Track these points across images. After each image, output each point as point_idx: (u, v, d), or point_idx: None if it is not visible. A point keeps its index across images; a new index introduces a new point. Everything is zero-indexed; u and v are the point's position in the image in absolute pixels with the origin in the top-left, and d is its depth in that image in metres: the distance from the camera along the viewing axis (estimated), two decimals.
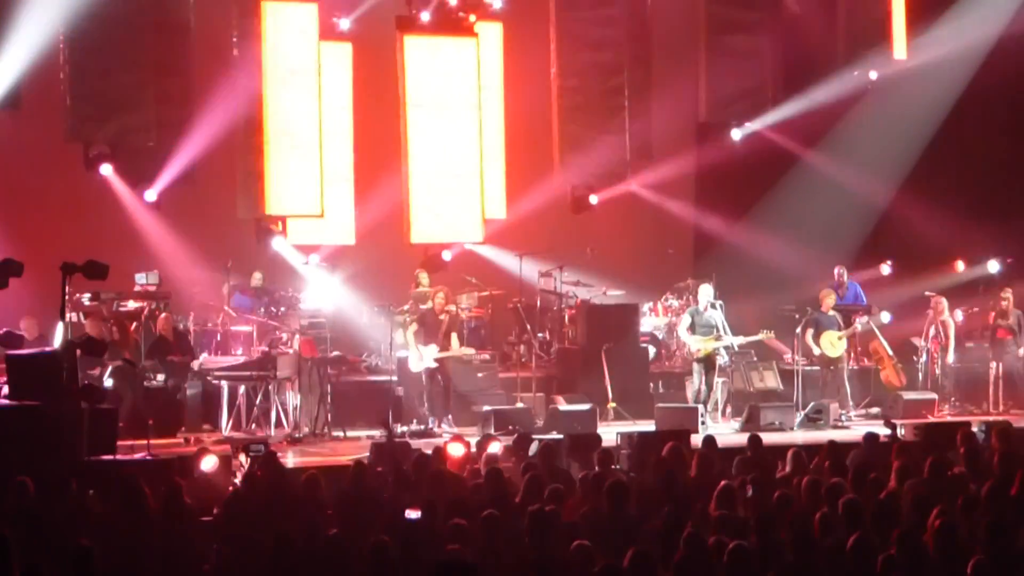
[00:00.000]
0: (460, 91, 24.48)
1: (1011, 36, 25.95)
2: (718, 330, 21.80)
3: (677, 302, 25.30)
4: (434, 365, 21.49)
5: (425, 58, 24.38)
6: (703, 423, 20.87)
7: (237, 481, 15.17)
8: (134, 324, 22.05)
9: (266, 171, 22.84)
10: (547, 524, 11.41)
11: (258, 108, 22.87)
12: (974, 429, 17.35)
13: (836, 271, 24.40)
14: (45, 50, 21.62)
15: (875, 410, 23.05)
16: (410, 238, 24.43)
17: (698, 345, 21.79)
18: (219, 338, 22.69)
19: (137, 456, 16.62)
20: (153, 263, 23.01)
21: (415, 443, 18.41)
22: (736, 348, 22.38)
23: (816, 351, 22.71)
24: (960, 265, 25.81)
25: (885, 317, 23.93)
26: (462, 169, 24.48)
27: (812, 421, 21.71)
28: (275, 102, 22.96)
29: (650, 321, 25.35)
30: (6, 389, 16.54)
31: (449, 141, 24.30)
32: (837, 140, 26.58)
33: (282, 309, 22.83)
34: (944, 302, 23.82)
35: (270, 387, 20.86)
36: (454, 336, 21.86)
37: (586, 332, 23.72)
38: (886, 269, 25.87)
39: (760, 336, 22.54)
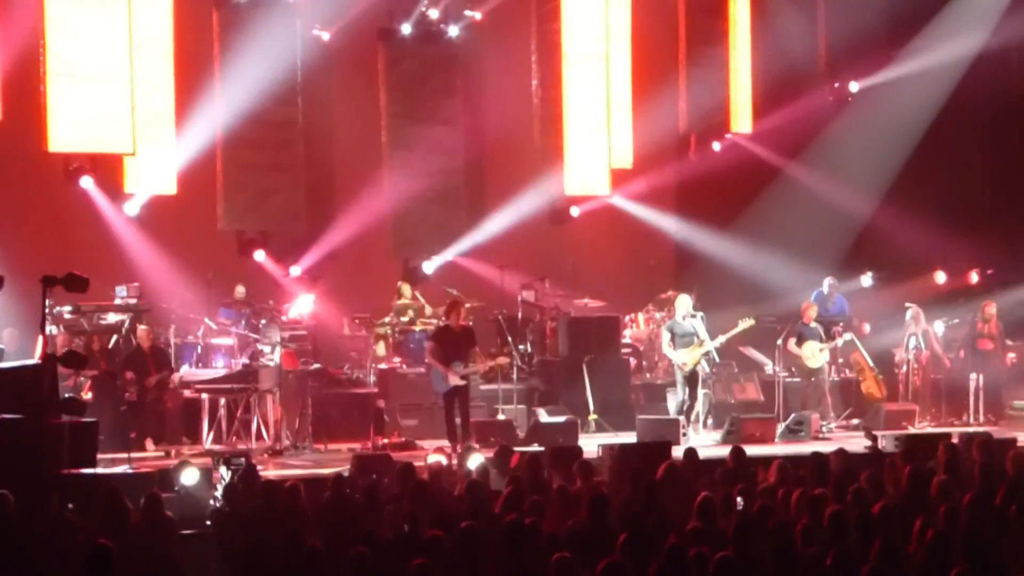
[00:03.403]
0: (441, 102, 24.51)
1: (991, 49, 26.05)
2: (698, 337, 21.68)
3: (659, 314, 25.29)
4: (462, 383, 20.24)
5: (406, 69, 24.41)
6: (684, 435, 20.85)
7: (218, 494, 15.12)
8: (114, 336, 21.96)
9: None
10: (525, 536, 11.38)
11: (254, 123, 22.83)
12: (955, 440, 17.38)
13: (827, 282, 24.38)
14: (24, 62, 21.57)
15: (856, 421, 23.06)
16: (391, 250, 24.44)
17: (683, 358, 21.60)
18: (200, 350, 22.63)
19: (118, 469, 16.56)
20: (133, 276, 22.93)
21: (396, 455, 18.35)
22: (716, 357, 22.26)
23: (802, 355, 22.60)
24: (940, 276, 25.86)
25: (865, 328, 23.94)
26: (443, 180, 24.50)
27: (793, 432, 21.68)
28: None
29: (631, 332, 25.34)
30: None
31: (430, 152, 24.32)
32: (818, 152, 26.67)
33: (263, 321, 22.77)
34: (923, 313, 23.82)
35: (251, 399, 20.80)
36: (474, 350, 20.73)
37: (567, 344, 23.67)
38: (867, 280, 25.90)
39: (739, 327, 22.20)
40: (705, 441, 20.94)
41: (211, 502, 15.00)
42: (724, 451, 16.71)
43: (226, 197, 23.44)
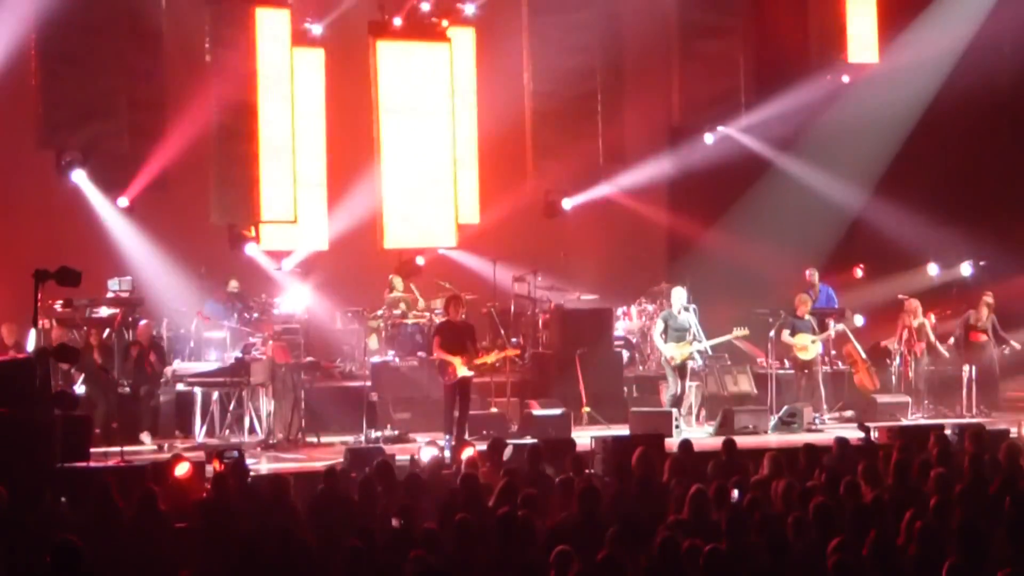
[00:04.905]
0: (433, 96, 24.49)
1: (982, 41, 26.05)
2: (691, 333, 21.75)
3: (651, 306, 25.30)
4: (470, 373, 19.91)
5: (398, 63, 24.39)
6: (677, 427, 20.88)
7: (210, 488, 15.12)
8: (107, 330, 21.93)
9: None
10: (517, 528, 11.39)
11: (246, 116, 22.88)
12: (947, 432, 17.40)
13: (807, 273, 24.43)
14: (16, 56, 21.54)
15: (848, 413, 23.09)
16: (383, 243, 24.42)
17: (672, 352, 21.66)
18: (192, 344, 22.62)
19: (110, 463, 16.56)
20: (126, 269, 22.93)
21: (389, 449, 18.37)
22: (710, 352, 22.37)
23: (795, 345, 22.62)
24: (933, 268, 25.85)
25: (858, 320, 23.98)
26: (435, 174, 24.49)
27: (786, 424, 21.71)
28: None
29: (624, 325, 25.36)
30: None
31: (422, 146, 24.31)
32: (810, 144, 26.65)
33: (255, 315, 22.76)
34: (917, 305, 23.83)
35: (244, 393, 20.81)
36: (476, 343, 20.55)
37: (560, 336, 23.70)
38: (859, 272, 25.92)
39: (733, 334, 22.40)
40: (698, 434, 20.95)
41: (203, 496, 15.00)
42: (716, 443, 16.73)
43: (217, 191, 23.41)
